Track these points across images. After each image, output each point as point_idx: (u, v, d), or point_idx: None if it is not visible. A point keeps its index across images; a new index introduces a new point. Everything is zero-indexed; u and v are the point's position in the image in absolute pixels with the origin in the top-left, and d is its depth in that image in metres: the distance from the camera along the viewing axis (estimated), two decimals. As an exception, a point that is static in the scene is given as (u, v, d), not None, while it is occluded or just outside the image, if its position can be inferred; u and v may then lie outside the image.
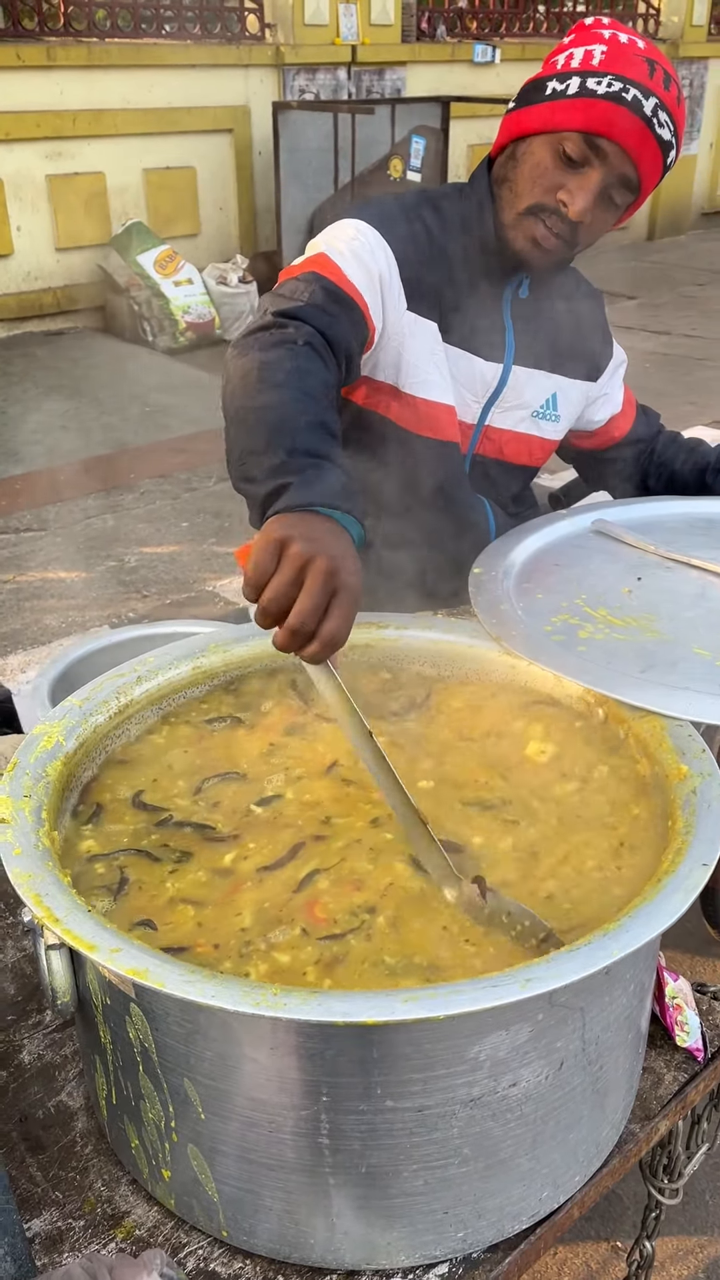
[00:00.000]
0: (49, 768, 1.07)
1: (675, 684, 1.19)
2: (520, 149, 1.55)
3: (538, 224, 1.53)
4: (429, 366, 1.64)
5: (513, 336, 1.69)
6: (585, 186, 1.49)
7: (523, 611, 1.37)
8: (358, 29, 8.76)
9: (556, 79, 1.50)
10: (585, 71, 1.47)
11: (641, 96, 1.45)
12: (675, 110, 1.49)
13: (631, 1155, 1.07)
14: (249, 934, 0.96)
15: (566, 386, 1.79)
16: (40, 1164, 1.04)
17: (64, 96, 7.37)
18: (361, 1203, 0.90)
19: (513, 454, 1.79)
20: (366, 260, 1.53)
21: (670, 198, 12.24)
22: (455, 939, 0.96)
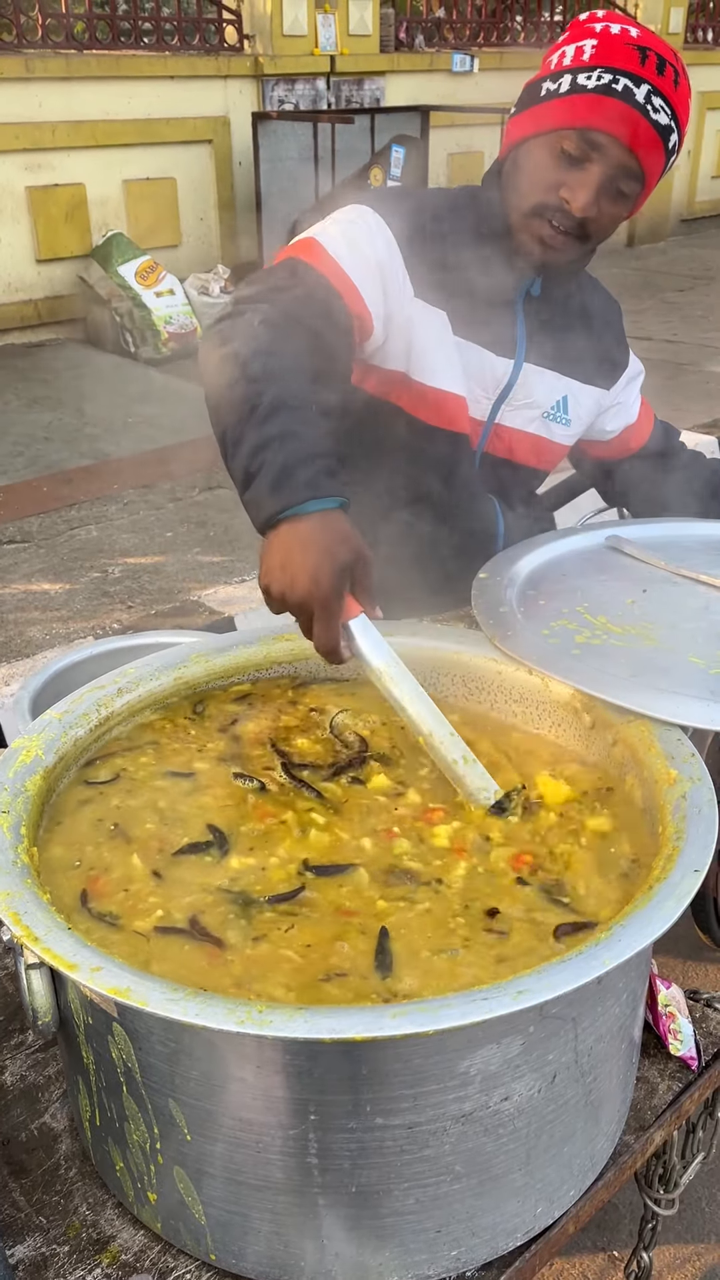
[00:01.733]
0: (28, 783, 1.05)
1: (665, 688, 1.18)
2: (521, 152, 1.54)
3: (543, 224, 1.52)
4: (439, 355, 1.62)
5: (524, 334, 1.68)
6: (586, 182, 1.47)
7: (522, 615, 1.36)
8: (336, 39, 8.78)
9: (549, 79, 1.50)
10: (576, 68, 1.47)
11: (632, 85, 1.43)
12: (673, 94, 1.46)
13: (627, 1167, 1.06)
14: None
15: (578, 391, 1.77)
16: (23, 1188, 1.02)
17: (43, 108, 7.36)
18: (352, 1223, 0.88)
19: (522, 455, 1.78)
20: (362, 244, 1.50)
21: (650, 204, 12.26)
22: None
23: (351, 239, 1.49)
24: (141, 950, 0.92)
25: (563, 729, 1.24)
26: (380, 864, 1.04)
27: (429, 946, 0.93)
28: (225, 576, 4.36)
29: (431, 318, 1.60)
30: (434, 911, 0.97)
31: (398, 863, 1.04)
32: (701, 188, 13.25)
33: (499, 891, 1.00)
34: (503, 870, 1.03)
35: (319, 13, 8.59)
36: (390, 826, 1.09)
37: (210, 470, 5.56)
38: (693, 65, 11.98)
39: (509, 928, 0.95)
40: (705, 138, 13.01)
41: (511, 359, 1.68)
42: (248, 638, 1.35)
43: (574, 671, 1.21)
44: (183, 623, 3.91)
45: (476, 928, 0.95)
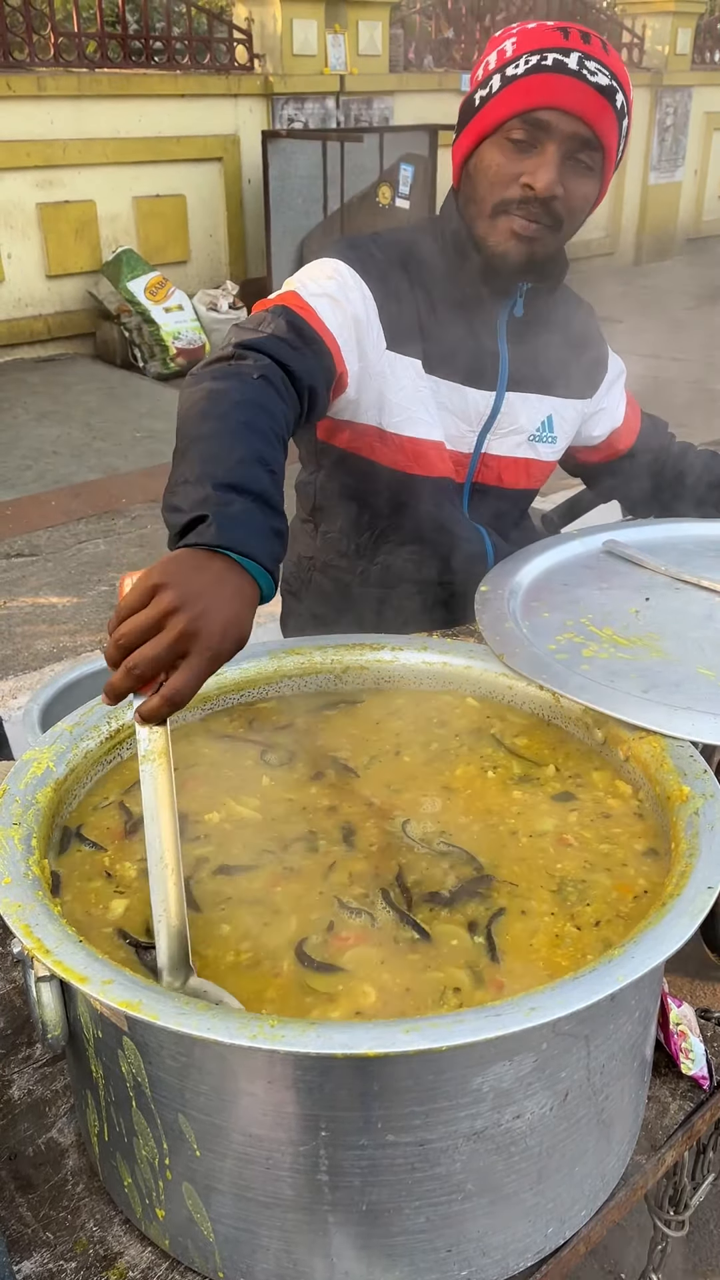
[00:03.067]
0: (39, 794, 1.05)
1: (678, 704, 1.17)
2: (472, 164, 1.52)
3: (511, 218, 1.48)
4: (413, 404, 1.60)
5: (506, 363, 1.66)
6: (544, 162, 1.44)
7: (527, 630, 1.36)
8: (346, 59, 8.86)
9: (480, 88, 1.48)
10: (502, 66, 1.45)
11: (561, 56, 1.40)
12: (604, 57, 1.43)
13: (638, 1188, 1.05)
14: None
15: (562, 407, 1.76)
16: (30, 1203, 1.01)
17: (54, 126, 7.43)
18: (362, 1241, 0.87)
19: (511, 479, 1.77)
20: (341, 301, 1.48)
21: (656, 223, 12.36)
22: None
23: (330, 294, 1.47)
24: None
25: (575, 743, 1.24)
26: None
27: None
28: (232, 591, 4.36)
29: (403, 366, 1.58)
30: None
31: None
32: (708, 207, 13.32)
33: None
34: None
35: (329, 33, 8.67)
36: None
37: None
38: (700, 86, 12.12)
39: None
40: (712, 158, 13.08)
41: (493, 391, 1.66)
42: (257, 651, 1.35)
43: (585, 688, 1.21)
44: (190, 637, 3.91)
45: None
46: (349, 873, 1.03)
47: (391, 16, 9.22)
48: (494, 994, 0.90)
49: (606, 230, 11.92)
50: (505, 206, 1.48)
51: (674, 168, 12.39)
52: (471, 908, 0.99)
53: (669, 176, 12.39)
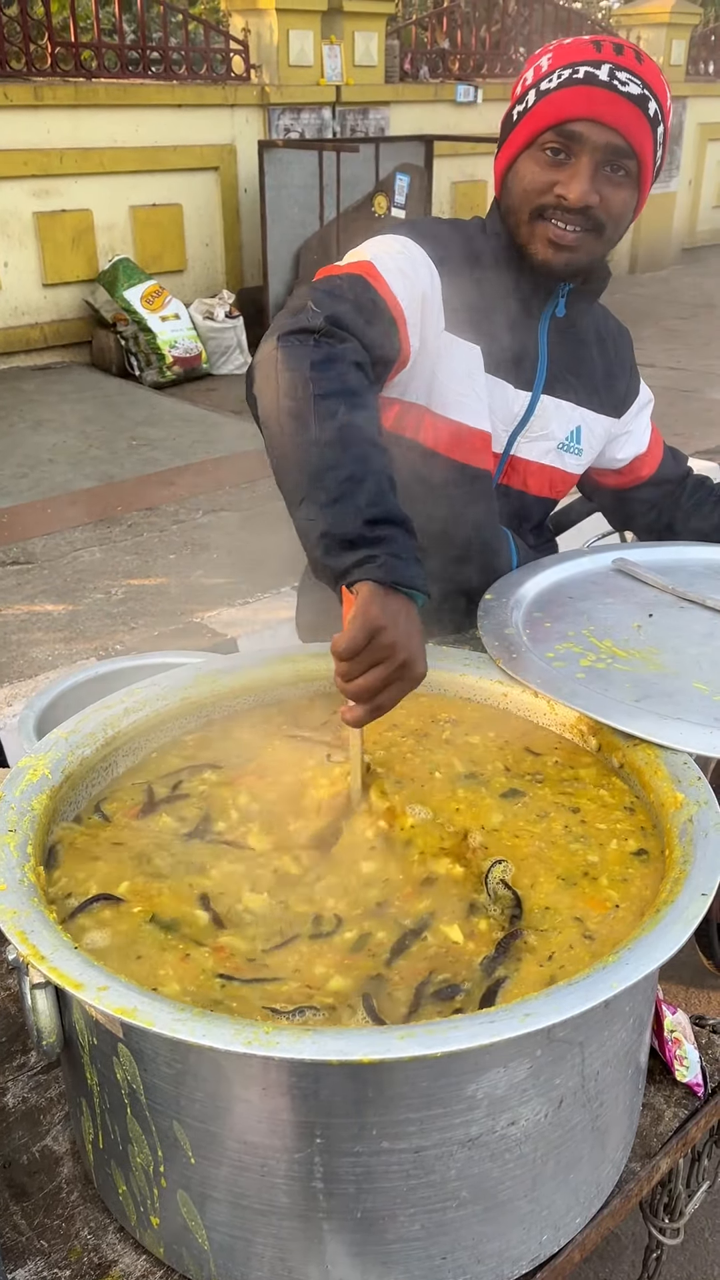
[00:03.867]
0: (34, 801, 1.05)
1: (669, 714, 1.18)
2: (511, 175, 1.55)
3: (547, 225, 1.51)
4: (465, 390, 1.60)
5: (545, 366, 1.67)
6: (577, 172, 1.46)
7: (528, 638, 1.37)
8: (342, 70, 8.89)
9: (518, 104, 1.52)
10: (537, 82, 1.48)
11: (593, 69, 1.43)
12: (637, 68, 1.45)
13: (633, 1195, 1.05)
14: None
15: (591, 421, 1.77)
16: (25, 1211, 1.01)
17: (51, 135, 7.44)
18: (357, 1249, 0.87)
19: (536, 486, 1.78)
20: (410, 275, 1.48)
21: (650, 233, 12.41)
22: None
23: (403, 270, 1.47)
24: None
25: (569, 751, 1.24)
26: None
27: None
28: (228, 599, 4.37)
29: (463, 352, 1.58)
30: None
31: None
32: (703, 217, 13.37)
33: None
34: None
35: (325, 43, 8.71)
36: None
37: (213, 493, 5.58)
38: (694, 97, 12.18)
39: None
40: (706, 168, 13.14)
41: (529, 391, 1.68)
42: (254, 659, 1.35)
43: (579, 696, 1.22)
44: (186, 645, 3.92)
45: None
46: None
47: (387, 28, 9.26)
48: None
49: (601, 240, 11.97)
50: (541, 212, 1.51)
51: (669, 178, 12.45)
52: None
53: (664, 187, 12.44)
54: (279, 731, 1.26)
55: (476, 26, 10.55)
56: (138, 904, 0.98)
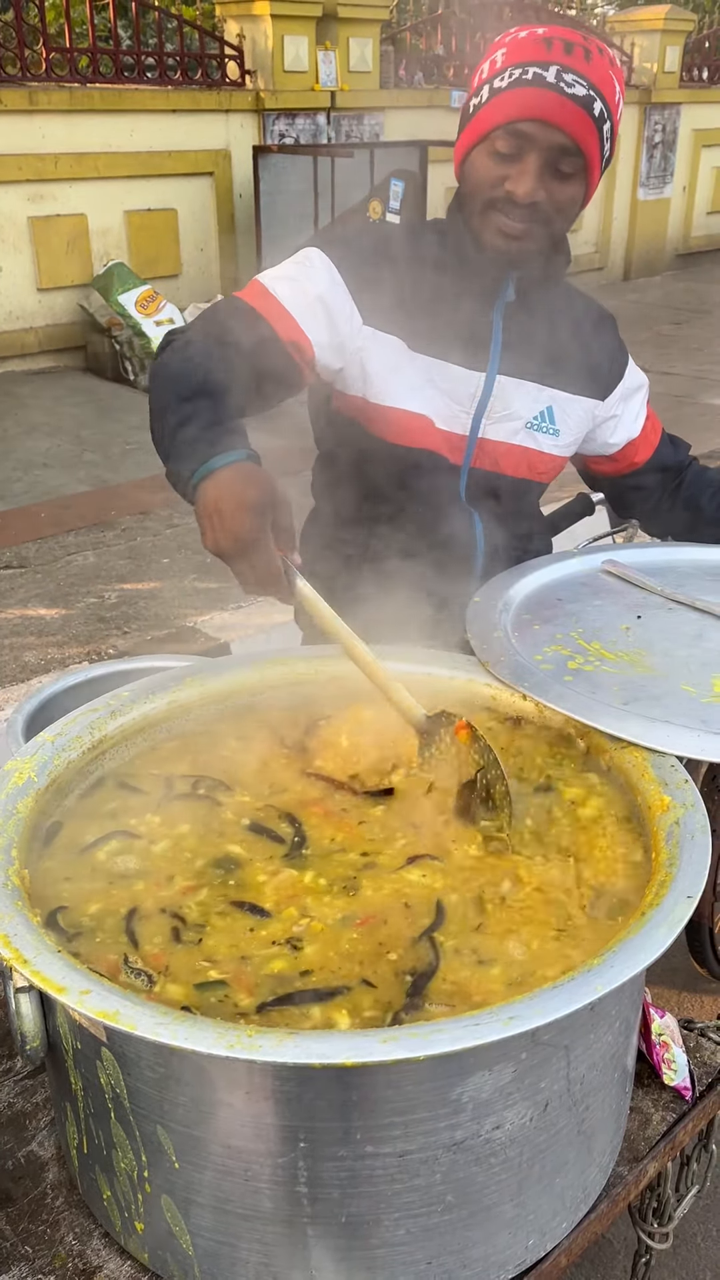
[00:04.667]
0: (19, 804, 1.05)
1: (656, 717, 1.18)
2: (465, 167, 1.62)
3: (498, 216, 1.58)
4: (394, 377, 1.68)
5: (500, 347, 1.70)
6: (524, 170, 1.54)
7: (516, 641, 1.37)
8: (336, 75, 8.91)
9: (474, 96, 1.58)
10: (491, 78, 1.55)
11: (540, 70, 1.50)
12: (585, 67, 1.51)
13: (620, 1199, 1.04)
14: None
15: (565, 401, 1.78)
16: (9, 1217, 1.00)
17: (46, 140, 7.44)
18: (342, 1254, 0.87)
19: (509, 467, 1.79)
20: (304, 282, 1.60)
21: (645, 239, 12.44)
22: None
23: (291, 276, 1.61)
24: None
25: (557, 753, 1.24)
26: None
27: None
28: (221, 603, 4.36)
29: (384, 343, 1.67)
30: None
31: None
32: (697, 223, 13.40)
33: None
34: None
35: (320, 49, 8.72)
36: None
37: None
38: (688, 104, 12.20)
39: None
40: (700, 175, 13.18)
41: (483, 372, 1.70)
42: (242, 661, 1.35)
43: (566, 698, 1.21)
44: (178, 649, 3.91)
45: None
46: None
47: (382, 34, 9.28)
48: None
49: (596, 245, 11.99)
50: (493, 204, 1.58)
51: (663, 184, 12.48)
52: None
53: (658, 193, 12.47)
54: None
55: (471, 32, 10.58)
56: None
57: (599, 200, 11.85)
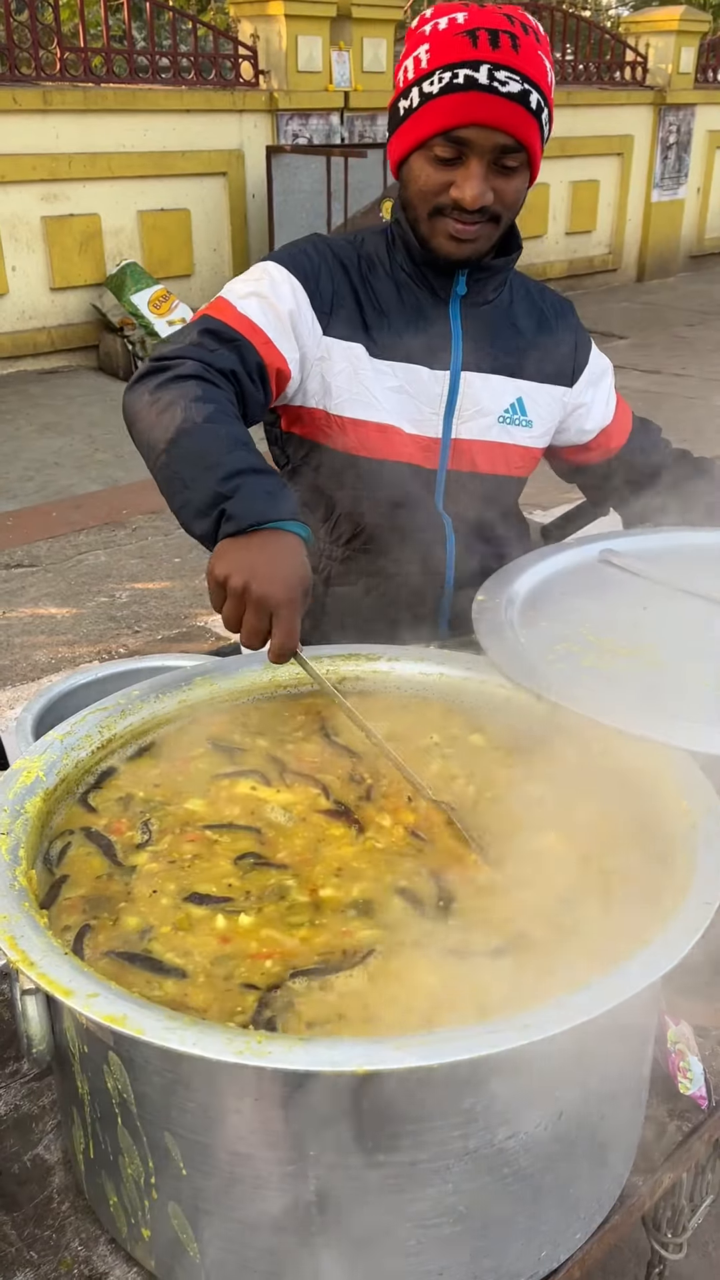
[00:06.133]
0: (27, 804, 1.04)
1: (678, 713, 1.16)
2: (405, 171, 1.58)
3: (447, 221, 1.55)
4: (356, 387, 1.65)
5: (460, 343, 1.68)
6: (469, 175, 1.50)
7: (525, 640, 1.35)
8: (350, 76, 8.91)
9: (402, 97, 1.53)
10: (419, 78, 1.49)
11: (472, 72, 1.44)
12: (515, 59, 1.45)
13: (635, 1210, 1.03)
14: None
15: (534, 391, 1.76)
16: (15, 1221, 0.99)
17: (60, 140, 7.46)
18: (351, 1264, 0.85)
19: (486, 464, 1.76)
20: (269, 297, 1.57)
21: (659, 240, 12.40)
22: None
23: (259, 294, 1.56)
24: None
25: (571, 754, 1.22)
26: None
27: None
28: (232, 603, 4.35)
29: (344, 351, 1.64)
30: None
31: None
32: (711, 225, 13.36)
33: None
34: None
35: (333, 49, 8.72)
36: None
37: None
38: (703, 105, 12.17)
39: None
40: (715, 176, 13.13)
41: (447, 370, 1.68)
42: (251, 662, 1.34)
43: (585, 699, 1.19)
44: (189, 648, 3.90)
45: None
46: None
47: (396, 34, 9.28)
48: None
49: (610, 247, 11.97)
50: (440, 209, 1.55)
51: (677, 185, 12.44)
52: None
53: (672, 194, 12.44)
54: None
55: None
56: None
57: (613, 202, 11.83)
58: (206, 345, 1.48)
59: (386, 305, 1.65)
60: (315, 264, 1.63)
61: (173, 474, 1.31)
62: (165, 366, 1.43)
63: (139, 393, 1.41)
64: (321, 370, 1.63)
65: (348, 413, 1.65)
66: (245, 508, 1.22)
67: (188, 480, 1.28)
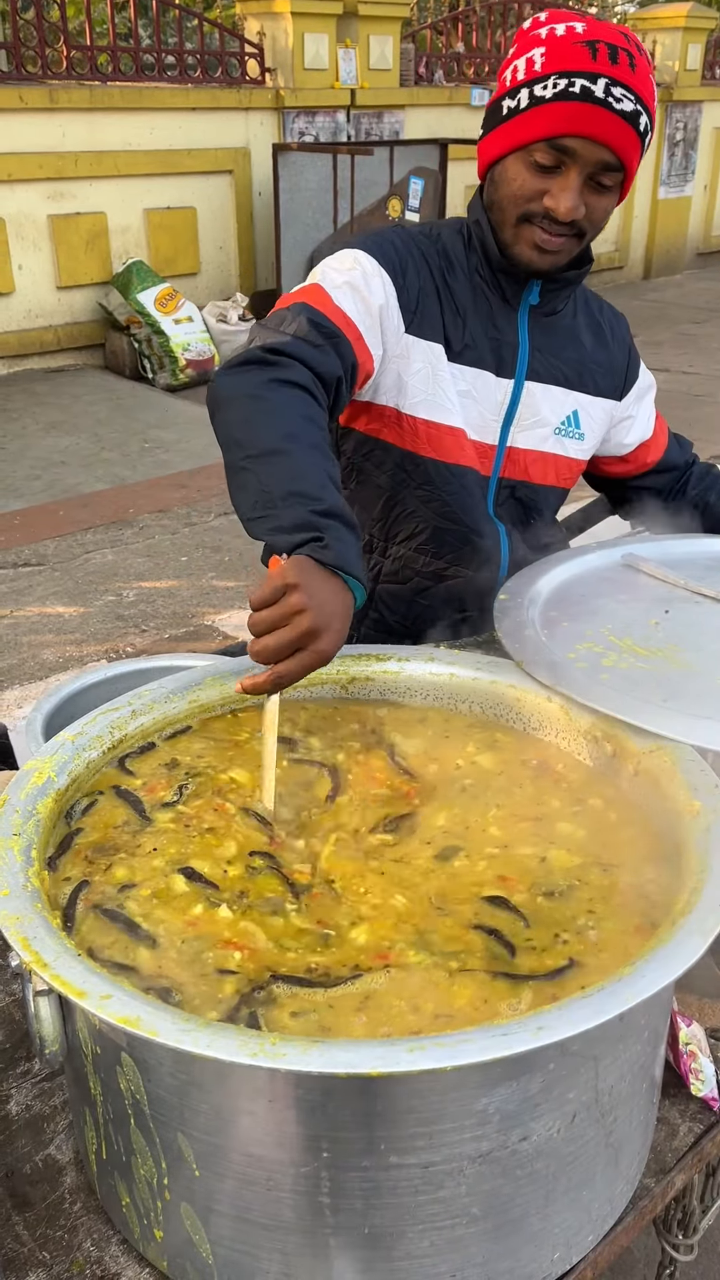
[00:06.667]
0: (39, 805, 1.04)
1: (699, 713, 1.16)
2: (497, 172, 1.56)
3: (534, 229, 1.54)
4: (431, 388, 1.63)
5: (527, 352, 1.68)
6: (566, 186, 1.48)
7: (546, 638, 1.35)
8: (357, 73, 8.90)
9: (508, 96, 1.50)
10: (530, 80, 1.46)
11: (589, 83, 1.42)
12: (632, 78, 1.44)
13: (647, 1212, 1.02)
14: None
15: (588, 404, 1.76)
16: (27, 1221, 0.99)
17: (66, 138, 7.47)
18: (364, 1265, 0.85)
19: (539, 475, 1.77)
20: (362, 290, 1.53)
21: (666, 238, 12.38)
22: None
23: (354, 285, 1.53)
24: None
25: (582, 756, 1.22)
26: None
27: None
28: (239, 601, 4.36)
29: (424, 351, 1.62)
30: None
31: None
32: (718, 222, 13.33)
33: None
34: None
35: (340, 47, 8.71)
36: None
37: (225, 495, 5.57)
38: (710, 101, 12.14)
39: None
40: (722, 173, 13.11)
41: (511, 379, 1.68)
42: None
43: (605, 698, 1.19)
44: (196, 647, 3.91)
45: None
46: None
47: (402, 31, 9.27)
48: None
49: (616, 244, 11.94)
50: (529, 217, 1.54)
51: (684, 182, 12.42)
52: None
53: (679, 191, 12.41)
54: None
55: (491, 30, 10.55)
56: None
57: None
58: (310, 340, 1.42)
59: (463, 307, 1.63)
60: (403, 257, 1.60)
61: (261, 485, 1.23)
62: (273, 361, 1.37)
63: (240, 380, 1.34)
64: (398, 368, 1.61)
65: (421, 413, 1.64)
66: (337, 549, 1.15)
67: (278, 499, 1.20)
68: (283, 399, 1.31)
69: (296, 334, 1.42)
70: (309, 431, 1.29)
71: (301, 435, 1.27)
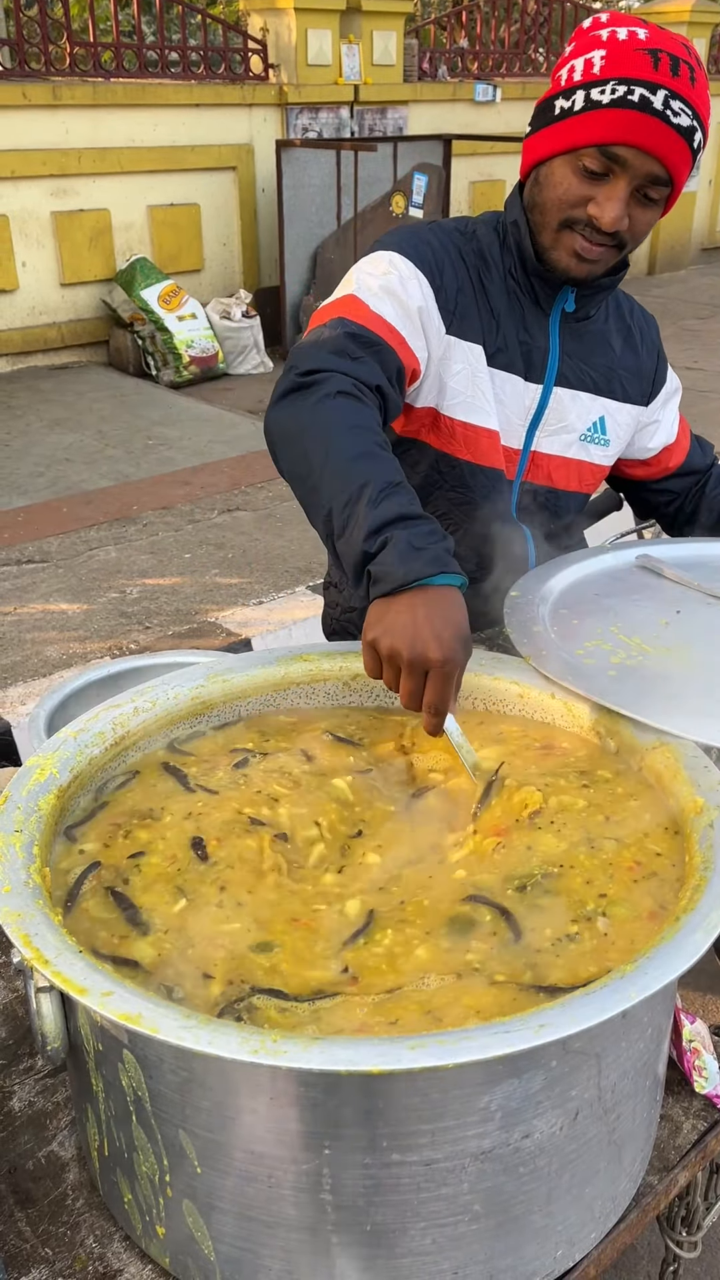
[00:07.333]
0: (41, 801, 1.03)
1: (707, 711, 1.15)
2: (543, 173, 1.52)
3: (575, 236, 1.50)
4: (471, 390, 1.61)
5: (557, 357, 1.66)
6: (613, 195, 1.45)
7: (556, 635, 1.35)
8: (360, 69, 8.88)
9: (562, 96, 1.46)
10: (588, 83, 1.42)
11: (649, 93, 1.38)
12: (690, 92, 1.40)
13: (650, 1209, 1.02)
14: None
15: (615, 410, 1.74)
16: (29, 1218, 0.99)
17: (69, 135, 7.46)
18: (366, 1263, 0.85)
19: (562, 480, 1.75)
20: (400, 294, 1.50)
21: (670, 233, 12.35)
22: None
23: (390, 290, 1.49)
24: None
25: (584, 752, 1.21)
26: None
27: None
28: (243, 598, 4.36)
29: (465, 352, 1.59)
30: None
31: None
32: (722, 217, 13.30)
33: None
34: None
35: (343, 43, 8.70)
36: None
37: (229, 492, 5.58)
38: (714, 96, 12.07)
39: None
40: (726, 168, 13.07)
41: (540, 384, 1.66)
42: (266, 658, 1.34)
43: (611, 693, 1.19)
44: (200, 644, 3.91)
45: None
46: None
47: (406, 27, 9.25)
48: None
49: (620, 240, 11.93)
50: (571, 223, 1.51)
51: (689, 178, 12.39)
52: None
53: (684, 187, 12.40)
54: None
55: (495, 25, 10.53)
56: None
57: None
58: (349, 353, 1.40)
59: (497, 308, 1.61)
60: (439, 257, 1.57)
61: (332, 522, 1.23)
62: (312, 383, 1.34)
63: (285, 413, 1.34)
64: (439, 369, 1.59)
65: (459, 415, 1.62)
66: (390, 569, 1.15)
67: (337, 530, 1.22)
68: (321, 421, 1.29)
69: (331, 350, 1.40)
70: (355, 442, 1.26)
71: (346, 447, 1.25)
